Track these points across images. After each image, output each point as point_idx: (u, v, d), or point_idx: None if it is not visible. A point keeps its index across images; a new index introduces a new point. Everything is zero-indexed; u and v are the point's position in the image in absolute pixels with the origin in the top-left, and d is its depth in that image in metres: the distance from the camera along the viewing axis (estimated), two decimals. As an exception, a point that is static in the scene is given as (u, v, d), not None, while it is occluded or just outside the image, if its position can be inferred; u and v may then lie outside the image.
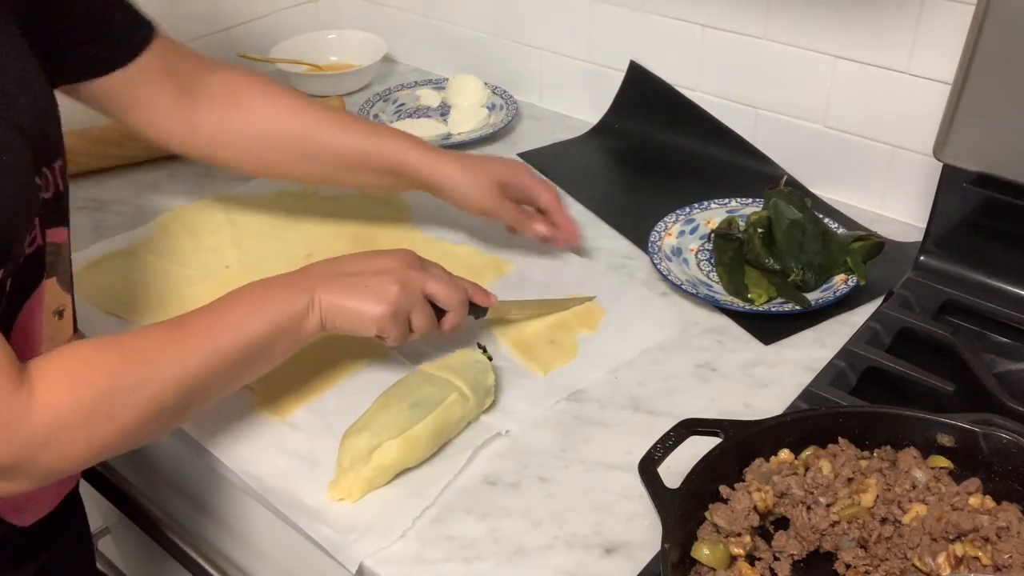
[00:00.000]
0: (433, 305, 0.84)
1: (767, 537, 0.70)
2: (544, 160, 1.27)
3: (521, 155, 1.28)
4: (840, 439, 0.74)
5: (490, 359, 0.87)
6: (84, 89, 0.89)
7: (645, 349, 0.94)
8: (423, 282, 0.82)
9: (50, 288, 0.73)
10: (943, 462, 0.72)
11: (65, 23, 0.84)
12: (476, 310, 0.89)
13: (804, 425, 0.75)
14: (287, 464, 0.82)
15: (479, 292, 0.89)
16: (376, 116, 1.38)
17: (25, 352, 0.67)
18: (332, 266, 0.81)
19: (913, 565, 0.66)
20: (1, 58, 0.70)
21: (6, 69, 0.70)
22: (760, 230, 1.01)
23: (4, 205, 0.65)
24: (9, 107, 0.69)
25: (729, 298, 0.98)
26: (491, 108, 1.38)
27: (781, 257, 0.99)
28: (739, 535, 0.68)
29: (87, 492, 0.96)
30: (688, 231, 1.08)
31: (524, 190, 1.02)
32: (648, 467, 0.71)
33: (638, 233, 1.10)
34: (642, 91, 1.28)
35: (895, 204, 1.12)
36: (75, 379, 0.66)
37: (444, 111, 1.39)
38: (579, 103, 1.37)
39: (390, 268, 0.81)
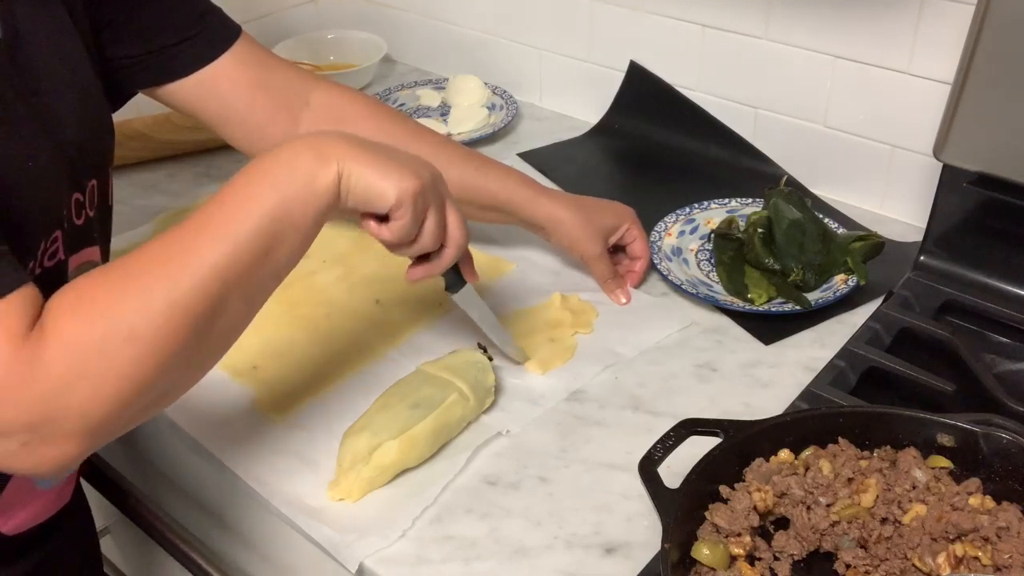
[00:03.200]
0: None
1: (767, 537, 0.70)
2: (544, 160, 1.27)
3: (521, 155, 1.28)
4: (840, 439, 0.74)
5: (490, 359, 0.87)
6: (171, 92, 0.88)
7: (645, 349, 0.94)
8: (447, 196, 0.76)
9: None
10: (943, 462, 0.72)
11: (153, 25, 0.84)
12: (454, 282, 0.83)
13: (804, 425, 0.75)
14: (287, 464, 0.82)
15: (470, 264, 0.84)
16: (376, 116, 1.37)
17: None
18: (357, 138, 0.71)
19: (913, 565, 0.66)
20: (60, 78, 0.71)
21: (61, 89, 0.71)
22: (760, 230, 1.01)
23: (18, 213, 0.64)
24: (55, 123, 0.69)
25: (729, 298, 0.98)
26: (491, 108, 1.38)
27: (781, 257, 0.99)
28: (739, 535, 0.68)
29: (87, 492, 0.96)
30: (688, 231, 1.08)
31: (626, 239, 1.02)
32: (648, 467, 0.71)
33: (638, 233, 1.10)
34: (642, 91, 1.28)
35: (895, 204, 1.12)
36: (77, 305, 0.58)
37: (444, 111, 1.39)
38: (579, 103, 1.37)
39: (424, 162, 0.74)
